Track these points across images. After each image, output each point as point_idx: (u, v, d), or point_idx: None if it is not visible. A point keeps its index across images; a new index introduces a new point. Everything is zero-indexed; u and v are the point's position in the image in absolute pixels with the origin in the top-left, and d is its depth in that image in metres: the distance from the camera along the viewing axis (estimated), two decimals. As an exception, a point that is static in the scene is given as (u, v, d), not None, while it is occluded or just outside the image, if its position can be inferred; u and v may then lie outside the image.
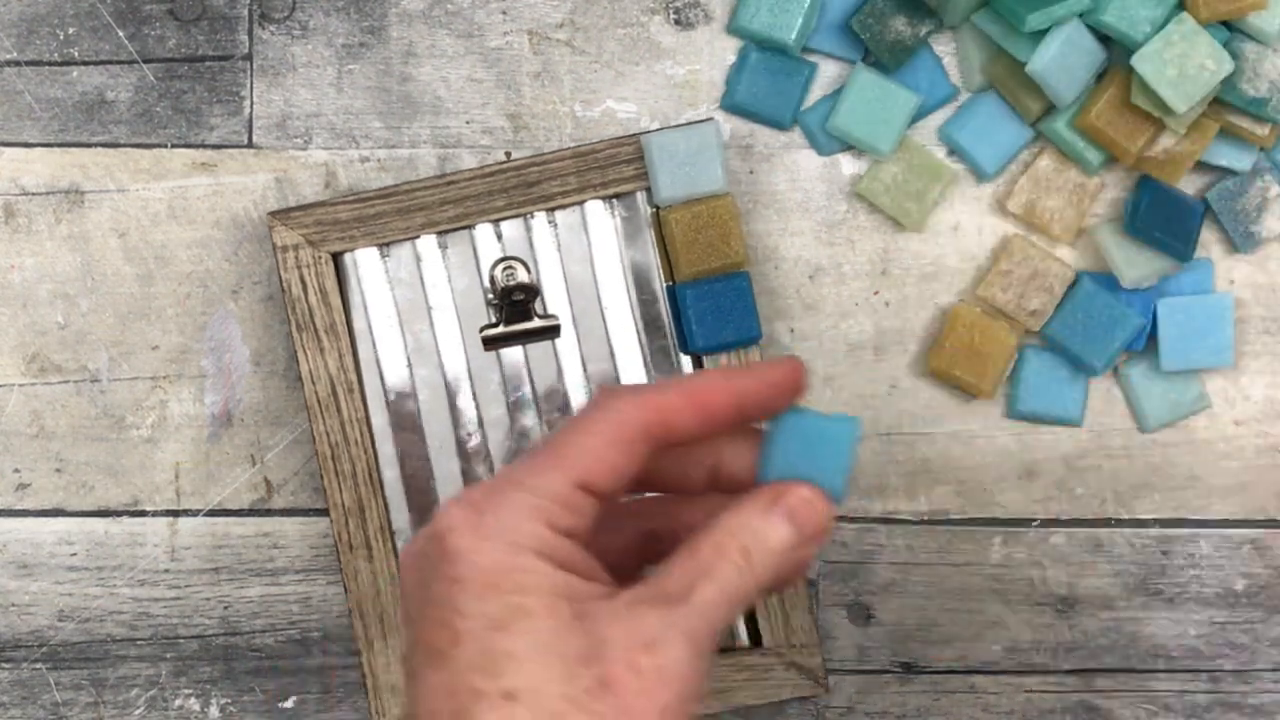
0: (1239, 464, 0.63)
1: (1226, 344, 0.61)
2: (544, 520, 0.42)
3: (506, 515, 0.42)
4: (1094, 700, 0.63)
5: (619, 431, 0.44)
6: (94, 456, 0.62)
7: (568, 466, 0.43)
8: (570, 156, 0.60)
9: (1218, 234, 0.62)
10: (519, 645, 0.41)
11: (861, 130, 0.60)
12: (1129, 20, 0.58)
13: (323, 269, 0.60)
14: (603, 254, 0.61)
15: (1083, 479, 0.63)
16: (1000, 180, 0.62)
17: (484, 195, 0.60)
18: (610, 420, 0.44)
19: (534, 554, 0.42)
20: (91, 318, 0.62)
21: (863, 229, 0.62)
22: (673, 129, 0.60)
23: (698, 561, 0.44)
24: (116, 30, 0.62)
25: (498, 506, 0.43)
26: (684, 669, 0.42)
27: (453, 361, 0.61)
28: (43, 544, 0.63)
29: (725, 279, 0.59)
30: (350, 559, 0.60)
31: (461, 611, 0.41)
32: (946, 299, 0.62)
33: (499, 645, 0.41)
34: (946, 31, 0.62)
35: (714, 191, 0.60)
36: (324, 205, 0.60)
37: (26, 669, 0.63)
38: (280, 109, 0.62)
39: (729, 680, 0.60)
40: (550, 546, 0.42)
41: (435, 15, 0.62)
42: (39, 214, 0.62)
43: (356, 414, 0.60)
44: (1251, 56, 0.59)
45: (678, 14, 0.62)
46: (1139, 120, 0.59)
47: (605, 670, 0.41)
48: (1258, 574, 0.63)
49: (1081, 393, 0.62)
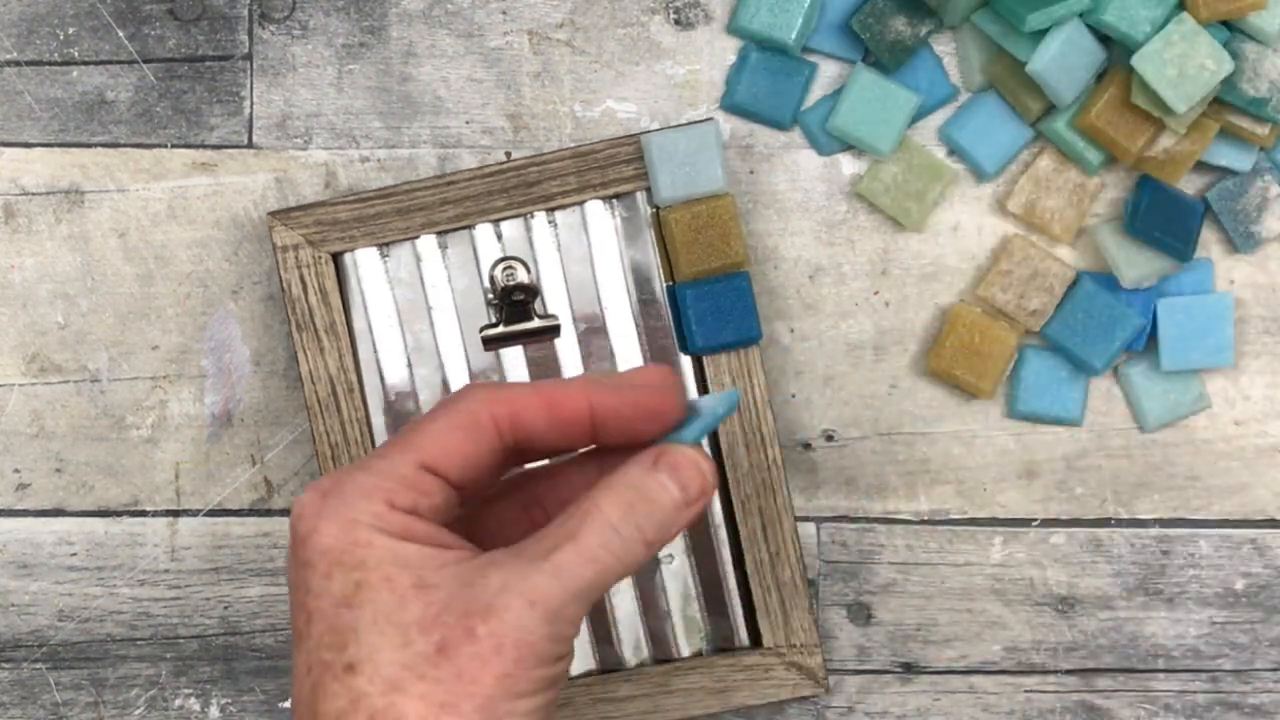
0: (1239, 464, 0.63)
1: (1226, 344, 0.61)
2: (383, 498, 0.44)
3: (347, 496, 0.44)
4: (1094, 700, 0.63)
5: (465, 419, 0.45)
6: (94, 456, 0.62)
7: (412, 449, 0.45)
8: (570, 156, 0.60)
9: (1218, 234, 0.62)
10: (361, 618, 0.42)
11: (861, 130, 0.60)
12: (1129, 20, 0.58)
13: (323, 269, 0.60)
14: (603, 254, 0.61)
15: (1083, 479, 0.63)
16: (1000, 180, 0.62)
17: (484, 195, 0.60)
18: (460, 409, 0.45)
19: (370, 529, 0.43)
20: (91, 318, 0.62)
21: (863, 229, 0.62)
22: (672, 129, 0.60)
23: (567, 524, 0.44)
24: (116, 30, 0.62)
25: (340, 489, 0.44)
26: (527, 635, 0.42)
27: (453, 362, 0.61)
28: (43, 544, 0.63)
29: (725, 279, 0.59)
30: (350, 559, 0.60)
31: (313, 591, 0.43)
32: (947, 299, 0.62)
33: (344, 620, 0.42)
34: (946, 31, 0.62)
35: (714, 191, 0.60)
36: (324, 205, 0.60)
37: (26, 669, 0.63)
38: (280, 109, 0.62)
39: (729, 680, 0.60)
40: (387, 521, 0.43)
41: (435, 15, 0.62)
42: (39, 214, 0.62)
43: (356, 414, 0.60)
44: (1252, 56, 0.59)
45: (678, 14, 0.62)
46: (1139, 120, 0.59)
47: (443, 636, 0.42)
48: (1257, 574, 0.63)
49: (1081, 393, 0.62)
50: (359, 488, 0.44)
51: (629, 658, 0.61)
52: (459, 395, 0.46)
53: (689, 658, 0.61)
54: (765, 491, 0.60)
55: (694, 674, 0.60)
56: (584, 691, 0.60)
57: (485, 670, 0.42)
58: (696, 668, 0.60)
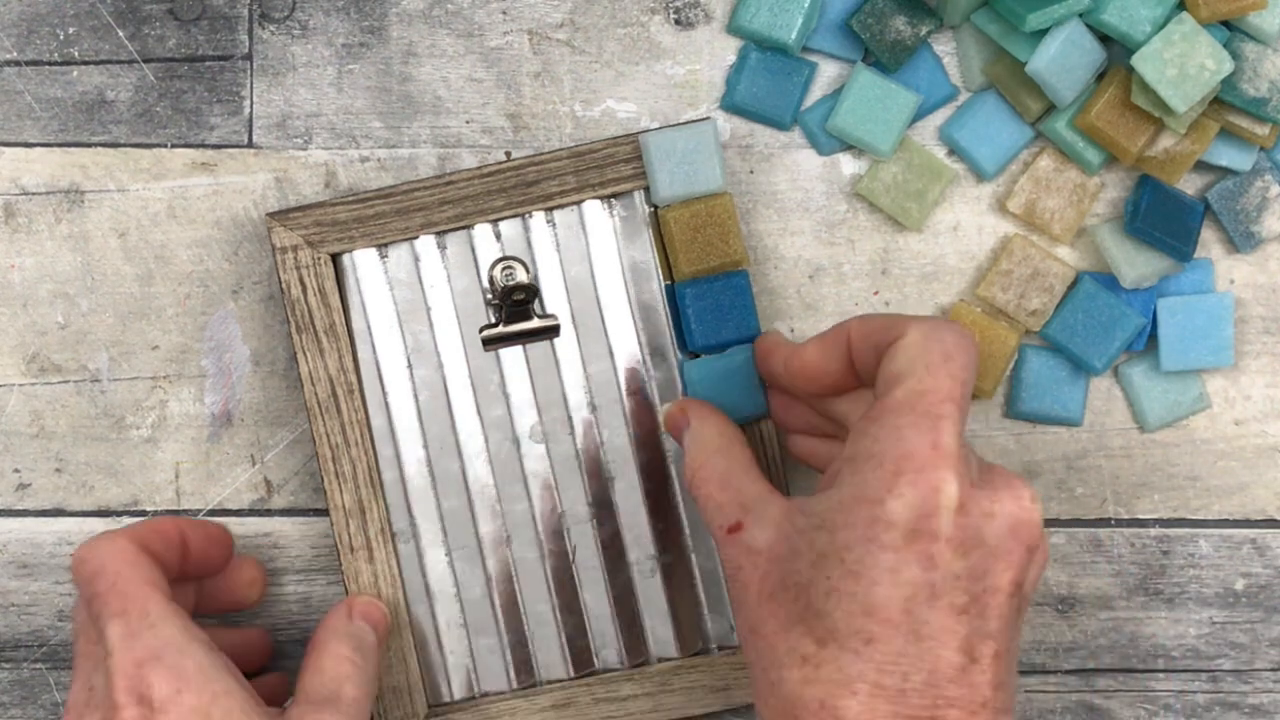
0: (1239, 464, 0.63)
1: (1226, 344, 0.61)
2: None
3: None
4: (1094, 700, 0.63)
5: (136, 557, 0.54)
6: (94, 456, 0.62)
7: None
8: (568, 156, 0.60)
9: (1218, 234, 0.63)
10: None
11: (861, 130, 0.60)
12: (1129, 20, 0.58)
13: (322, 270, 0.60)
14: (601, 253, 0.61)
15: (1083, 479, 0.63)
16: (1000, 180, 0.62)
17: (482, 195, 0.60)
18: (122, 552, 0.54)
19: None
20: (91, 318, 0.62)
21: (863, 229, 0.62)
22: (671, 128, 0.60)
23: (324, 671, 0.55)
24: (116, 30, 0.62)
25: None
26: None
27: (452, 362, 0.61)
28: (43, 544, 0.63)
29: (724, 278, 0.59)
30: (351, 561, 0.60)
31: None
32: (946, 299, 0.63)
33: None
34: (946, 31, 0.62)
35: (712, 190, 0.60)
36: (323, 206, 0.60)
37: (26, 669, 0.63)
38: (280, 109, 0.62)
39: (730, 678, 0.60)
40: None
41: (435, 15, 0.62)
42: (39, 214, 0.62)
43: (356, 415, 0.60)
44: (1252, 56, 0.59)
45: (678, 14, 0.62)
46: (1139, 120, 0.59)
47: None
48: (1257, 574, 0.63)
49: (1081, 392, 0.62)
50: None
51: (628, 658, 0.61)
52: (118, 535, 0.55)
53: (689, 656, 0.61)
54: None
55: (694, 672, 0.60)
56: (585, 691, 0.60)
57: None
58: (697, 666, 0.60)
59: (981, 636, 0.47)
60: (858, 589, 0.47)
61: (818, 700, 0.47)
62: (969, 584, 0.47)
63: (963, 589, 0.47)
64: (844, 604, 0.47)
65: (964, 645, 0.47)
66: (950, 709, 0.47)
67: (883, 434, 0.48)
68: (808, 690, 0.47)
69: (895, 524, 0.47)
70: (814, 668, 0.47)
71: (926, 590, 0.47)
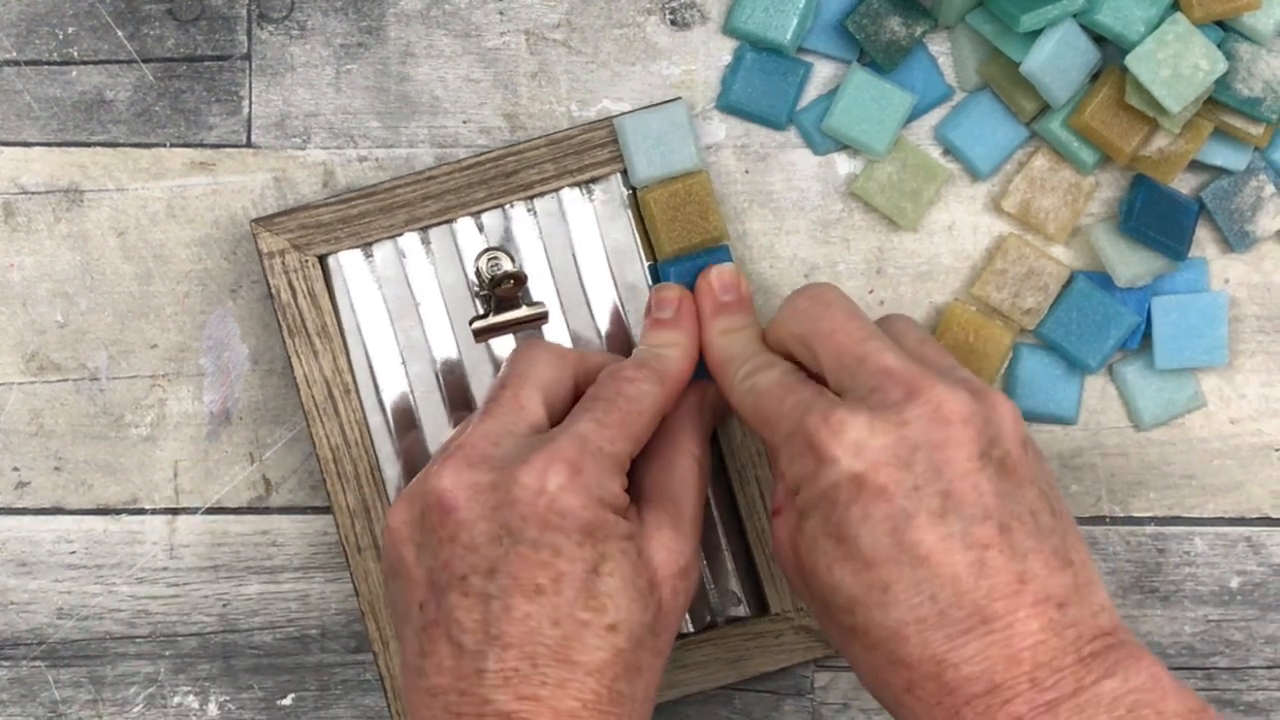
0: (1234, 462, 0.63)
1: (1221, 342, 0.61)
2: (619, 482, 0.52)
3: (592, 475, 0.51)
4: (1089, 698, 0.63)
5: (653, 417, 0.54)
6: (93, 455, 0.63)
7: (625, 440, 0.52)
8: (545, 144, 0.60)
9: (1212, 233, 0.63)
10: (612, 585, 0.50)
11: (857, 130, 0.61)
12: (1123, 20, 0.58)
13: (310, 272, 0.60)
14: (583, 238, 0.61)
15: (1078, 477, 0.63)
16: (995, 180, 0.63)
17: (464, 188, 0.60)
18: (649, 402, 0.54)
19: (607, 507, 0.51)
20: (90, 316, 0.63)
21: (858, 228, 0.63)
22: (644, 110, 0.60)
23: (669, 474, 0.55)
24: (115, 30, 0.62)
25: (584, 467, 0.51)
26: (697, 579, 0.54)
27: (445, 355, 0.61)
28: (41, 542, 0.63)
29: (706, 254, 0.60)
30: (359, 560, 0.60)
31: (564, 556, 0.49)
32: (941, 298, 0.63)
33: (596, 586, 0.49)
34: (941, 31, 0.62)
35: (689, 169, 0.60)
36: (307, 209, 0.60)
37: (25, 667, 0.63)
38: (279, 109, 0.62)
39: (741, 649, 0.60)
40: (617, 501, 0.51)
41: (433, 15, 0.62)
42: (38, 213, 0.62)
43: (354, 415, 0.60)
44: (1246, 56, 0.59)
45: (673, 14, 0.62)
46: (1133, 120, 0.59)
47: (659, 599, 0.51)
48: (1252, 571, 0.63)
49: (1076, 391, 0.62)
50: (602, 469, 0.51)
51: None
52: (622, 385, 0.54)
53: (700, 630, 0.61)
54: (761, 461, 0.60)
55: (707, 645, 0.60)
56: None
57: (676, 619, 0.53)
58: (710, 639, 0.60)
59: (976, 522, 0.48)
60: (851, 551, 0.49)
61: (887, 661, 0.49)
62: (930, 486, 0.48)
63: (932, 494, 0.48)
64: (848, 570, 0.49)
65: (964, 542, 0.48)
66: (995, 602, 0.47)
67: (783, 423, 0.52)
68: (870, 657, 0.49)
69: (839, 483, 0.49)
70: (864, 634, 0.49)
71: (901, 517, 0.48)
